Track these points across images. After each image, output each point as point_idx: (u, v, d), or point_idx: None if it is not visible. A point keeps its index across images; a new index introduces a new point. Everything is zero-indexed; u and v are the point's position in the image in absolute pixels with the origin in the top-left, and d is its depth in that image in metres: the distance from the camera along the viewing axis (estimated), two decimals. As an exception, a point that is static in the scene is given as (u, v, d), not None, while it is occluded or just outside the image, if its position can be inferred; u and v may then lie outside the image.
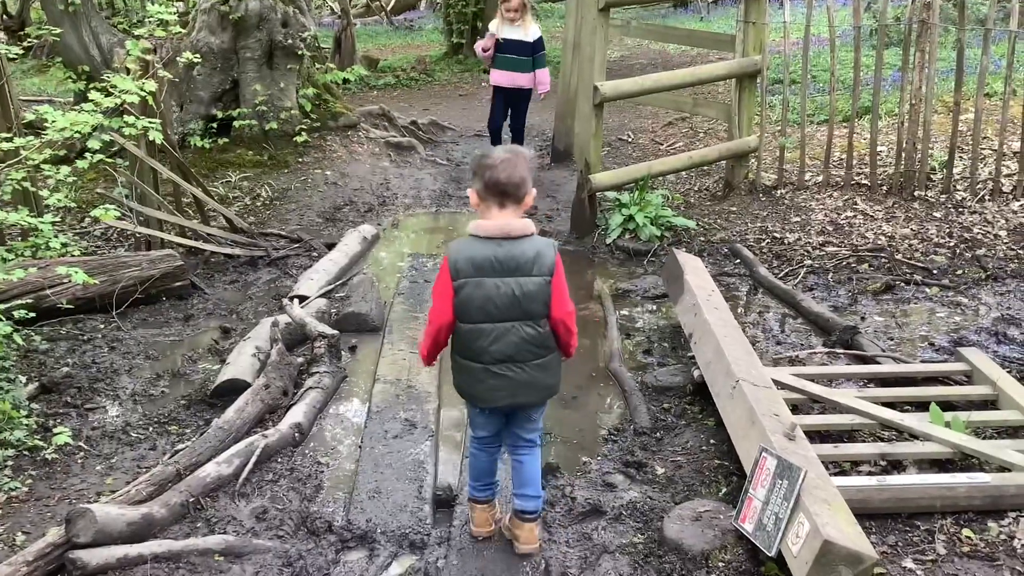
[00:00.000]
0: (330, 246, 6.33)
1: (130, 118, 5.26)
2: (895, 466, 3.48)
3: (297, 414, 3.99)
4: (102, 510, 3.08)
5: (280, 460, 3.73)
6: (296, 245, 6.47)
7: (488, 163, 2.90)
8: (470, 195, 2.99)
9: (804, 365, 4.43)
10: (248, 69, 7.92)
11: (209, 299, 5.56)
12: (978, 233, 5.97)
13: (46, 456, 3.78)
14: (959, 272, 5.56)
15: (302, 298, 5.22)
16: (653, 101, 8.28)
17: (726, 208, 6.82)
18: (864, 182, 6.77)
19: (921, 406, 3.87)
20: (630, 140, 9.19)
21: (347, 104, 8.96)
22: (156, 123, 5.48)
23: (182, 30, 7.62)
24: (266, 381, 4.17)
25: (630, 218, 6.40)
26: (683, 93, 7.96)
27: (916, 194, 6.47)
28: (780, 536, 2.80)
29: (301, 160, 7.89)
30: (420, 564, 3.13)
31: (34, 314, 4.74)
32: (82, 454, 3.84)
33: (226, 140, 7.93)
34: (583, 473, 3.67)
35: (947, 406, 3.83)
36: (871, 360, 4.41)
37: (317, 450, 3.86)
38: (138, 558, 3.01)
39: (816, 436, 3.64)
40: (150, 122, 5.41)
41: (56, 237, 5.13)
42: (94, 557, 2.98)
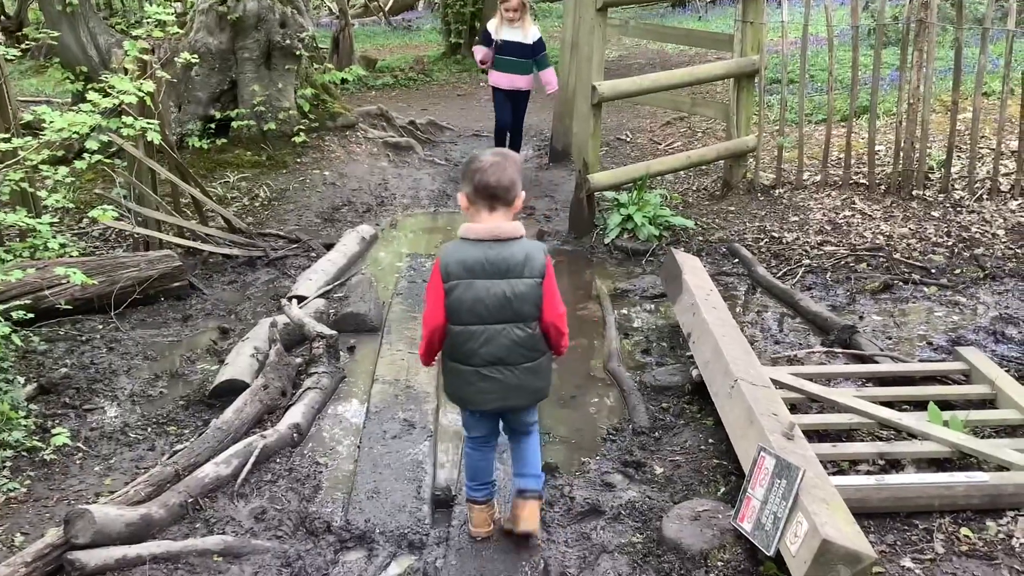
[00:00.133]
0: (328, 246, 6.33)
1: (128, 119, 5.27)
2: (893, 465, 3.49)
3: (296, 414, 3.99)
4: (101, 511, 3.08)
5: (279, 460, 3.73)
6: (294, 245, 6.47)
7: (477, 166, 2.90)
8: (460, 199, 3.00)
9: (802, 364, 4.43)
10: (246, 70, 7.92)
11: (207, 300, 5.56)
12: (976, 232, 5.97)
13: (44, 457, 3.78)
14: (957, 271, 5.57)
15: (300, 298, 5.22)
16: (651, 101, 8.28)
17: (724, 208, 6.82)
18: (862, 181, 6.77)
19: (919, 405, 3.87)
20: (628, 140, 9.19)
21: (345, 104, 8.95)
22: (154, 124, 5.49)
23: (180, 31, 7.62)
24: (265, 382, 4.17)
25: (628, 218, 6.40)
26: (681, 93, 7.96)
27: (914, 193, 6.48)
28: (779, 535, 2.80)
29: (299, 160, 7.89)
30: (419, 564, 3.13)
31: (32, 315, 4.74)
32: (80, 455, 3.84)
33: (224, 140, 7.92)
34: (582, 473, 3.67)
35: (945, 405, 3.83)
36: (869, 359, 4.41)
37: (316, 450, 3.86)
38: (137, 559, 3.01)
39: (814, 435, 3.64)
40: (148, 123, 5.41)
41: (54, 238, 5.14)
42: (93, 558, 2.97)
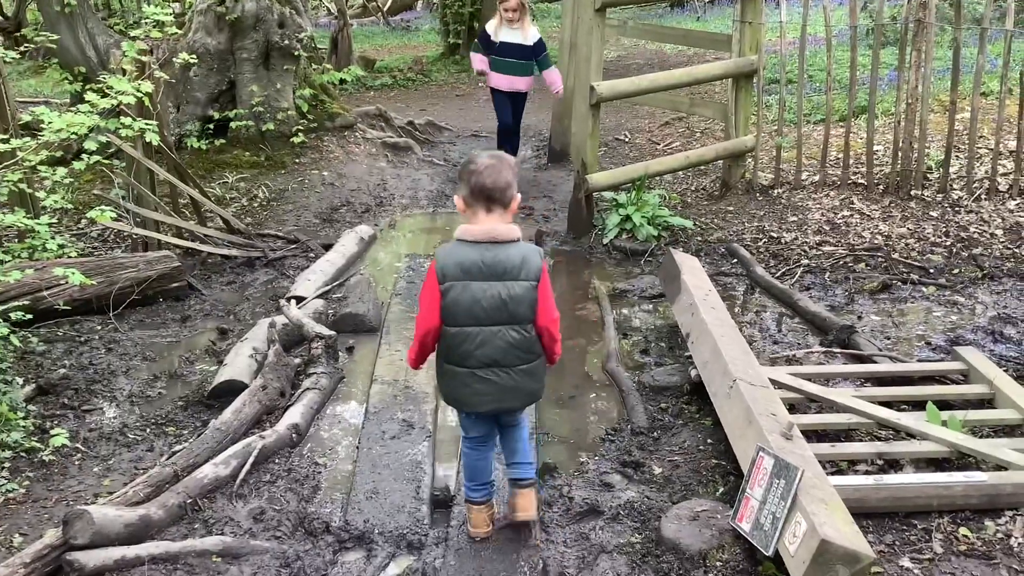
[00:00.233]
0: (327, 247, 6.32)
1: (127, 119, 5.27)
2: (892, 465, 3.49)
3: (294, 415, 3.99)
4: (99, 511, 3.08)
5: (277, 461, 3.73)
6: (293, 246, 6.47)
7: (473, 168, 2.91)
8: (456, 201, 3.00)
9: (801, 364, 4.44)
10: (245, 70, 7.92)
11: (206, 300, 5.56)
12: (974, 232, 5.97)
13: (43, 458, 3.78)
14: (956, 271, 5.57)
15: (299, 299, 5.22)
16: (650, 101, 8.28)
17: (723, 208, 6.82)
18: (861, 181, 6.78)
19: (918, 405, 3.87)
20: (627, 140, 9.19)
21: (344, 105, 8.95)
22: (153, 124, 5.49)
23: (178, 31, 7.61)
24: (263, 382, 4.17)
25: (627, 218, 6.40)
26: (680, 93, 7.97)
27: (913, 193, 6.48)
28: (777, 535, 2.80)
29: (298, 161, 7.89)
30: (418, 564, 3.14)
31: (31, 315, 4.74)
32: (79, 455, 3.84)
33: (223, 141, 7.92)
34: (580, 473, 3.67)
35: (944, 405, 3.83)
36: (868, 359, 4.42)
37: (315, 451, 3.86)
38: (135, 559, 3.01)
39: (813, 435, 3.64)
40: (147, 123, 5.41)
41: (53, 238, 5.12)
42: (91, 559, 2.97)
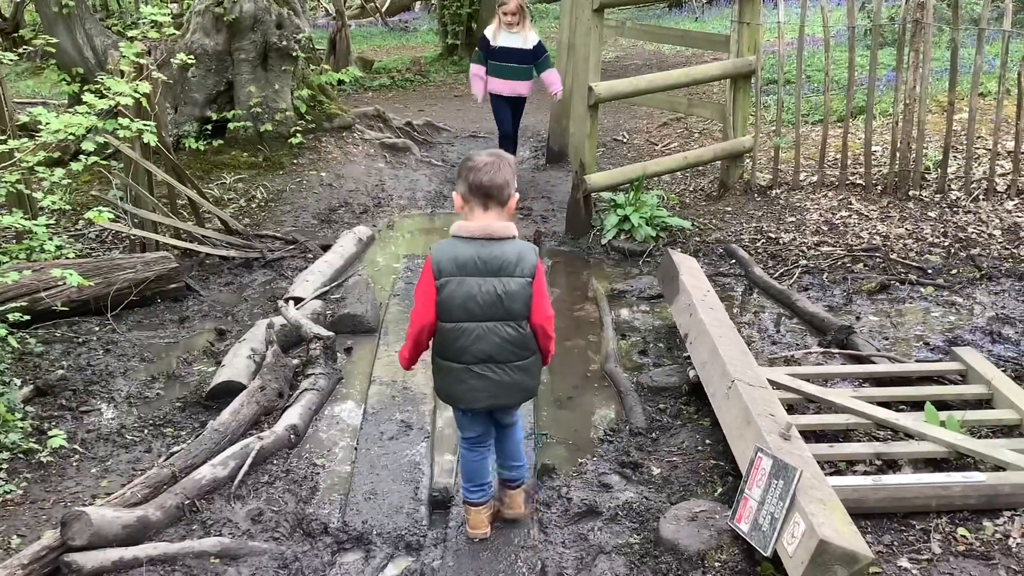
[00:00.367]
0: (325, 248, 6.32)
1: (124, 120, 5.26)
2: (890, 466, 3.49)
3: (293, 416, 3.98)
4: (97, 513, 3.08)
5: (276, 462, 3.73)
6: (291, 247, 6.47)
7: (471, 165, 2.95)
8: (454, 198, 3.03)
9: (799, 365, 4.44)
10: (243, 71, 7.91)
11: (204, 301, 5.56)
12: (973, 232, 5.98)
13: (41, 459, 3.77)
14: (954, 271, 5.58)
15: (297, 300, 5.22)
16: (648, 102, 8.28)
17: (721, 208, 6.82)
18: (859, 182, 6.78)
19: (916, 406, 3.87)
20: (625, 141, 9.20)
21: (342, 105, 8.94)
22: (151, 125, 5.48)
23: (176, 32, 7.62)
24: (262, 383, 4.17)
25: (625, 219, 6.40)
26: (678, 93, 7.97)
27: (911, 194, 6.48)
28: (776, 536, 2.80)
29: (296, 162, 7.89)
30: (416, 565, 3.13)
31: (29, 317, 4.73)
32: (77, 457, 3.84)
33: (221, 142, 7.92)
34: (579, 474, 3.67)
35: (942, 405, 3.83)
36: (866, 360, 4.42)
37: (313, 452, 3.86)
38: (134, 561, 3.01)
39: (811, 436, 3.64)
40: (144, 124, 5.41)
41: (51, 239, 5.13)
42: (89, 560, 2.97)
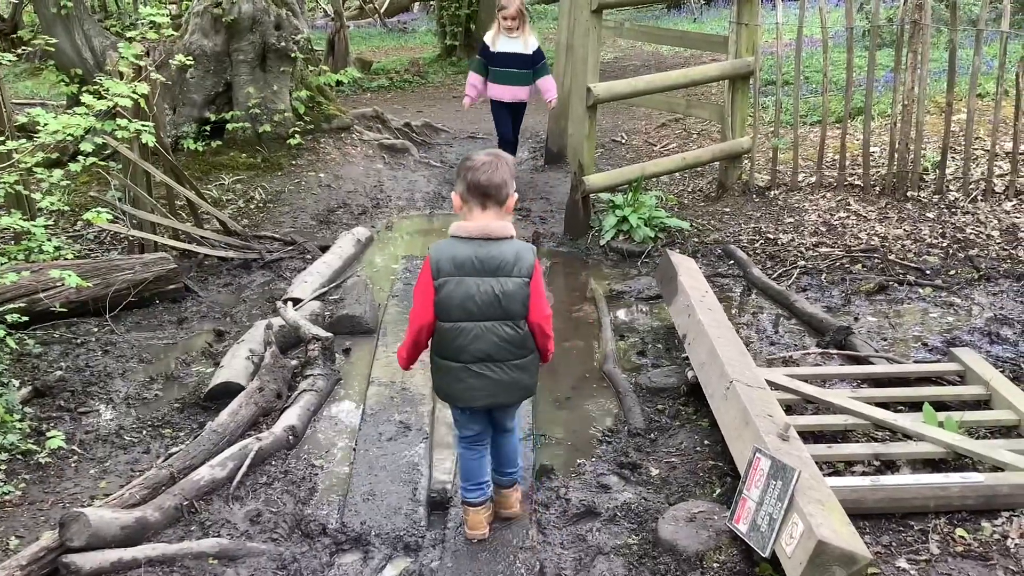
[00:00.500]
0: (324, 248, 6.32)
1: (123, 121, 5.26)
2: (889, 466, 3.49)
3: (291, 417, 3.98)
4: (96, 514, 3.07)
5: (274, 463, 3.73)
6: (290, 248, 6.47)
7: (470, 165, 2.97)
8: (453, 198, 3.05)
9: (798, 366, 4.44)
10: (241, 72, 7.91)
11: (203, 302, 5.55)
12: (971, 233, 5.98)
13: (39, 460, 3.77)
14: (952, 272, 5.58)
15: (296, 301, 5.22)
16: (646, 102, 8.29)
17: (720, 209, 6.83)
18: (857, 183, 6.78)
19: (914, 406, 3.87)
20: (623, 141, 9.20)
21: (340, 106, 8.94)
22: (149, 126, 5.48)
23: (175, 33, 7.62)
24: (260, 384, 4.17)
25: (624, 219, 6.41)
26: (676, 94, 7.97)
27: (909, 195, 6.49)
28: (774, 537, 2.80)
29: (294, 163, 7.88)
30: (414, 566, 3.13)
31: (27, 318, 4.73)
32: (75, 458, 3.83)
33: (219, 143, 7.91)
34: (577, 474, 3.67)
35: (940, 406, 3.84)
36: (864, 360, 4.42)
37: (311, 453, 3.86)
38: (132, 562, 3.01)
39: (810, 436, 3.65)
40: (143, 125, 5.41)
41: (49, 240, 5.12)
42: (88, 561, 2.97)
